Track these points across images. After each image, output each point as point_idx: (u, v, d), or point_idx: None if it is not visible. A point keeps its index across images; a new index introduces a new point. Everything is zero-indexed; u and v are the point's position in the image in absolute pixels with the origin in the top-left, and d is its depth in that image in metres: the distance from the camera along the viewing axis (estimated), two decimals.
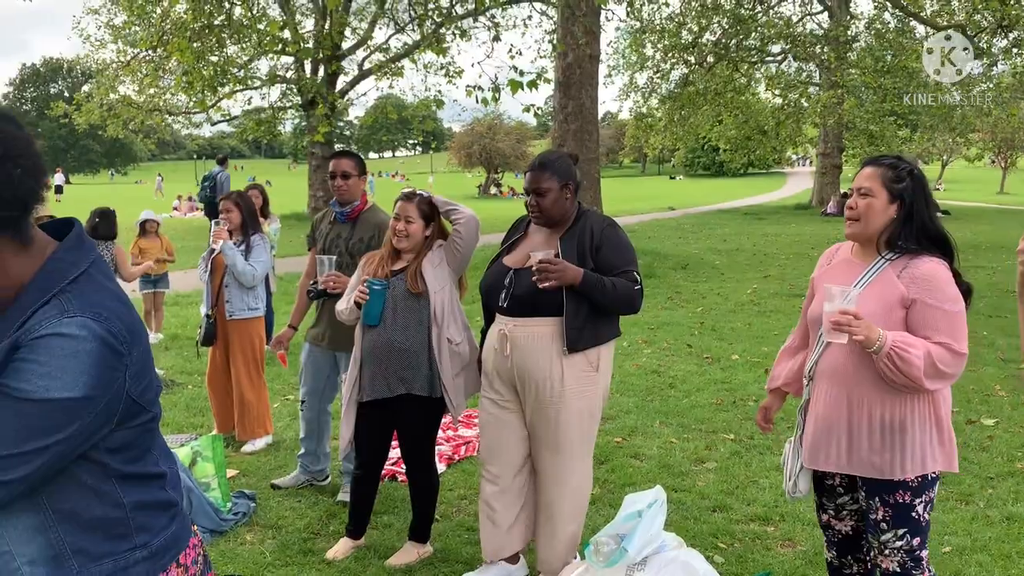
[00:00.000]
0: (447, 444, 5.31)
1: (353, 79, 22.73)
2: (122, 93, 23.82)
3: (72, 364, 1.22)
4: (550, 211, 3.32)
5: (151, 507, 1.41)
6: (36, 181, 1.27)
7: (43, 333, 1.22)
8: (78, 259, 1.34)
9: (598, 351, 3.32)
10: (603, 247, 3.29)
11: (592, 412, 3.37)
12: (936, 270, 2.56)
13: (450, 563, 3.70)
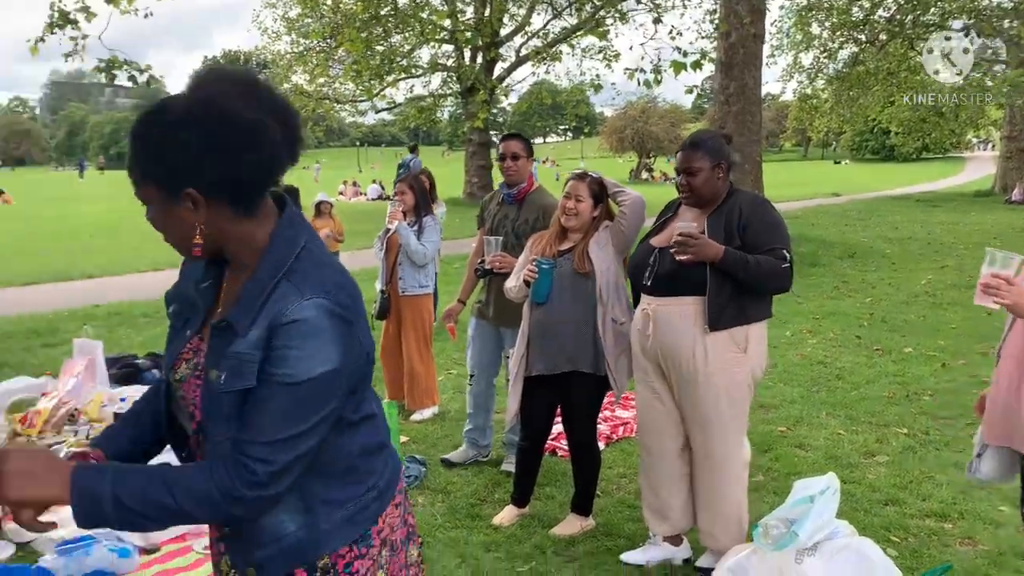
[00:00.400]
0: (604, 424, 5.38)
1: (510, 65, 23.06)
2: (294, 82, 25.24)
3: (321, 342, 1.37)
4: (700, 190, 3.31)
5: (373, 450, 1.56)
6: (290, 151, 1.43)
7: (291, 319, 1.36)
8: (298, 235, 1.48)
9: (746, 331, 3.26)
10: (751, 225, 3.24)
11: (738, 393, 3.30)
12: None
13: (612, 537, 3.78)
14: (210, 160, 1.35)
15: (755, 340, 3.30)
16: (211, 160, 1.35)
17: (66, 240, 17.12)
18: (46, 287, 11.39)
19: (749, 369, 3.31)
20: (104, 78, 8.90)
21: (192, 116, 1.34)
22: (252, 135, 1.36)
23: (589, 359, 3.70)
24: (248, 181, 1.40)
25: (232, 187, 1.39)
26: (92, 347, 5.79)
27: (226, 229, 1.44)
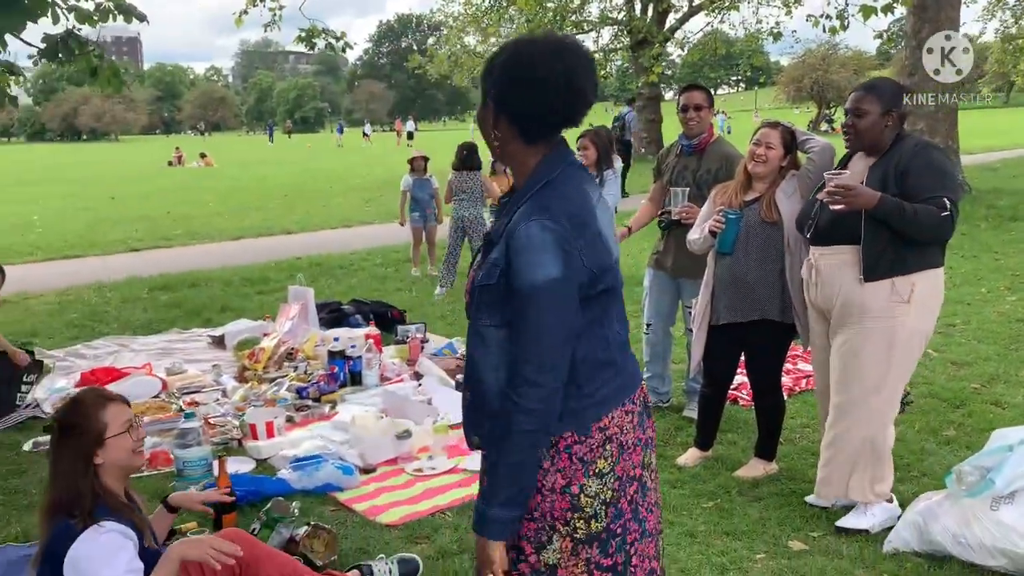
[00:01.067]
0: (788, 376, 5.40)
1: (683, 16, 22.52)
2: (466, 43, 25.79)
3: (536, 255, 1.65)
4: (864, 135, 3.29)
5: (599, 364, 1.80)
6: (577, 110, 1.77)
7: (514, 235, 1.68)
8: (552, 167, 1.77)
9: (910, 281, 3.20)
10: (910, 171, 3.17)
11: (894, 346, 3.23)
12: None
13: (796, 481, 3.86)
14: (511, 96, 1.74)
15: (921, 290, 3.21)
16: (511, 96, 1.74)
17: (264, 199, 18.57)
18: (251, 241, 12.51)
19: (913, 321, 3.23)
20: (304, 46, 9.58)
21: (507, 65, 1.75)
22: (537, 85, 1.70)
23: (776, 307, 3.78)
24: (528, 116, 1.75)
25: (519, 119, 1.76)
26: (304, 293, 6.42)
27: (510, 148, 1.80)
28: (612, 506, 1.80)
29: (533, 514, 1.79)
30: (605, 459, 1.80)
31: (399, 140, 48.70)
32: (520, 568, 1.81)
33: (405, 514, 3.64)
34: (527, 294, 1.66)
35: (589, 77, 1.76)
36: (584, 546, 1.79)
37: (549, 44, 1.75)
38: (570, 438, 1.77)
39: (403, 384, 5.34)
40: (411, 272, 9.41)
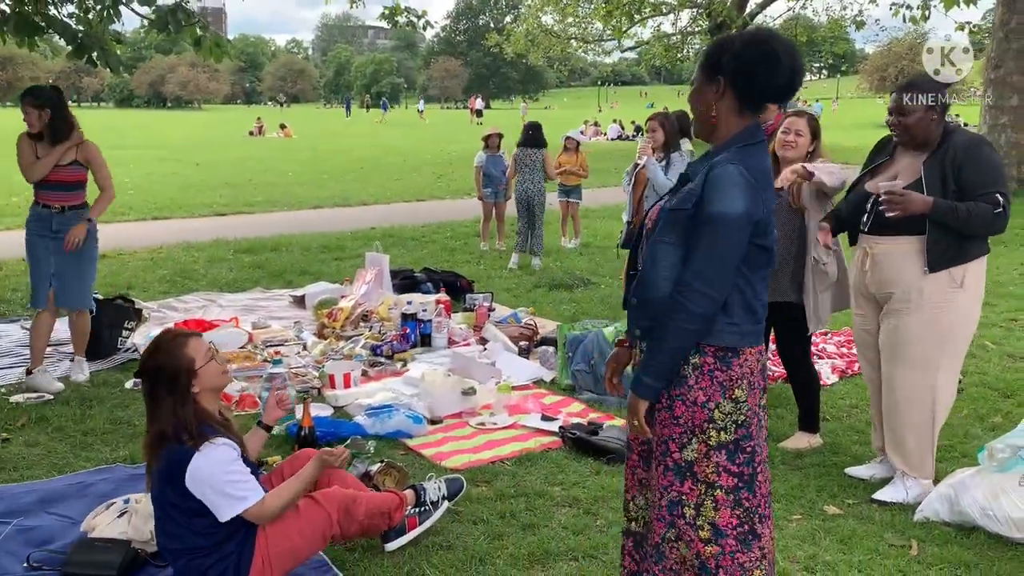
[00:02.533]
0: (841, 359, 5.56)
1: (764, 1, 22.24)
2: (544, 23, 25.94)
3: (730, 192, 2.08)
4: (912, 131, 3.44)
5: (748, 308, 2.19)
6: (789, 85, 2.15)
7: (714, 172, 2.11)
8: (753, 135, 2.20)
9: (964, 268, 3.38)
10: (964, 167, 3.33)
11: (945, 328, 3.41)
12: None
13: (839, 455, 4.06)
14: (749, 73, 2.13)
15: (973, 275, 3.42)
16: (750, 73, 2.13)
17: (341, 171, 19.15)
18: (329, 211, 13.02)
19: (965, 305, 3.43)
20: (387, 23, 9.92)
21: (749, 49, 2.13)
22: (775, 67, 2.11)
23: (795, 290, 4.00)
24: (757, 90, 2.16)
25: (749, 92, 2.16)
26: (380, 259, 6.80)
27: (725, 116, 2.20)
28: (743, 427, 2.18)
29: (679, 420, 2.19)
30: (741, 388, 2.18)
31: (472, 118, 49.10)
32: (667, 461, 2.22)
33: (468, 461, 3.96)
34: (714, 219, 2.08)
35: (802, 67, 2.17)
36: (715, 451, 2.18)
37: (781, 38, 2.17)
38: (712, 363, 2.16)
39: (470, 347, 5.68)
40: (480, 246, 9.75)
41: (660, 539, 2.24)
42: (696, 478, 2.19)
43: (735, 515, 2.19)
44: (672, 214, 2.17)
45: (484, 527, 3.32)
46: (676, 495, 2.21)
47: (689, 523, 2.20)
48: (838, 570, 2.99)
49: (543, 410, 4.64)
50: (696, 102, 2.24)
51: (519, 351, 5.55)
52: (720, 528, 2.18)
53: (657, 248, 2.18)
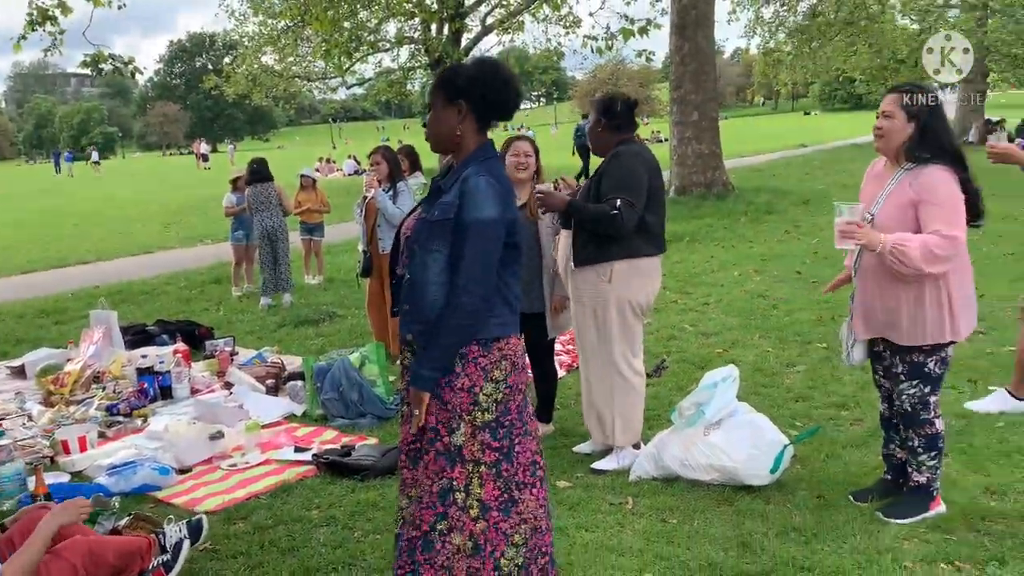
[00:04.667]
0: (567, 355, 6.15)
1: (476, 35, 23.51)
2: (264, 63, 25.56)
3: (485, 199, 2.37)
4: (598, 142, 4.06)
5: (508, 300, 2.48)
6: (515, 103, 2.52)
7: (470, 185, 2.38)
8: (489, 150, 2.53)
9: (610, 266, 3.88)
10: (603, 175, 3.93)
11: (603, 319, 3.94)
12: (936, 175, 3.13)
13: (568, 437, 4.55)
14: (482, 94, 2.45)
15: (620, 274, 3.89)
16: (483, 94, 2.45)
17: (55, 229, 17.61)
18: (46, 273, 11.98)
19: (617, 299, 3.91)
20: (90, 71, 9.44)
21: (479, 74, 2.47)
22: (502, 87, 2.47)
23: (541, 302, 4.45)
24: (491, 108, 2.47)
25: (484, 111, 2.47)
26: (107, 316, 6.49)
27: (467, 135, 2.49)
28: (502, 404, 2.45)
29: (447, 406, 2.43)
30: (500, 370, 2.45)
31: (199, 163, 46.92)
32: (436, 446, 2.45)
33: (223, 502, 3.97)
34: (474, 225, 2.35)
35: (521, 88, 2.58)
36: (480, 431, 2.44)
37: (504, 64, 2.57)
38: (476, 351, 2.43)
39: (214, 393, 5.61)
40: (232, 292, 9.49)
41: (429, 528, 2.45)
42: (464, 460, 2.44)
43: (496, 487, 2.45)
44: (435, 225, 2.42)
45: (244, 559, 3.39)
46: (447, 482, 2.44)
47: (460, 507, 2.43)
48: (568, 532, 3.40)
49: (296, 442, 4.73)
50: (438, 125, 2.49)
51: (267, 390, 5.57)
52: (485, 503, 2.45)
53: (427, 256, 2.42)
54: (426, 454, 2.48)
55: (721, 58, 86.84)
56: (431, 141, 2.54)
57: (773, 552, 3.14)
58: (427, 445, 2.47)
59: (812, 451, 4.07)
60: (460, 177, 2.43)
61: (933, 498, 3.37)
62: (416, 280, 2.47)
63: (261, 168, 8.91)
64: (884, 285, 3.25)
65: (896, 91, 3.31)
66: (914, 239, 3.08)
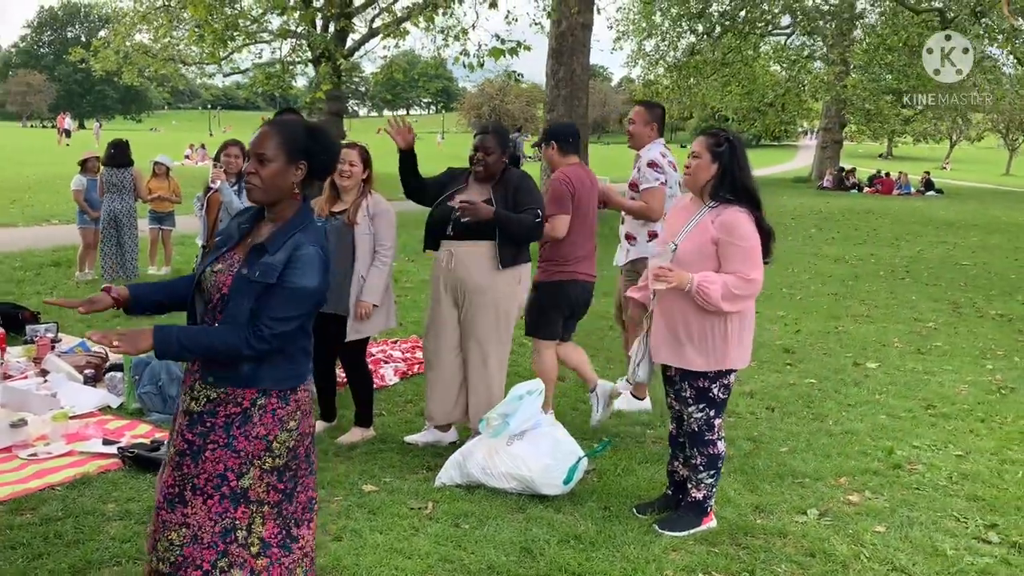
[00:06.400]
0: (403, 363, 6.24)
1: (362, 37, 23.34)
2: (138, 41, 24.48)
3: (313, 269, 2.40)
4: (491, 168, 4.38)
5: (302, 350, 2.53)
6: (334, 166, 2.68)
7: (302, 253, 2.40)
8: (309, 213, 2.54)
9: (520, 269, 4.43)
10: (519, 191, 4.34)
11: (507, 316, 4.42)
12: (736, 216, 3.43)
13: (387, 443, 4.62)
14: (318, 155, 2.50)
15: (524, 276, 4.46)
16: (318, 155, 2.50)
17: None
18: None
19: (520, 298, 4.47)
20: None
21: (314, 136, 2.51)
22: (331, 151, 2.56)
23: (345, 303, 4.53)
24: (318, 170, 2.53)
25: (312, 171, 2.51)
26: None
27: (294, 193, 2.50)
28: (293, 451, 2.50)
29: (239, 453, 2.44)
30: (295, 419, 2.50)
31: (60, 138, 44.33)
32: (222, 490, 2.45)
33: (12, 492, 3.83)
34: (296, 291, 2.38)
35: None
36: (268, 474, 2.48)
37: (331, 133, 2.56)
38: (275, 403, 2.47)
39: (27, 380, 5.37)
40: (76, 276, 9.09)
41: (211, 566, 2.44)
42: (249, 501, 2.46)
43: (277, 524, 2.50)
44: (255, 284, 2.39)
45: (24, 550, 3.29)
46: (230, 522, 2.44)
47: (242, 544, 2.45)
48: (363, 535, 3.48)
49: (105, 435, 4.61)
50: (279, 179, 2.45)
51: (84, 380, 5.39)
52: (266, 540, 2.48)
53: (238, 312, 2.39)
54: (208, 498, 2.46)
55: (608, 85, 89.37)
56: (261, 193, 2.46)
57: (551, 558, 3.33)
58: (211, 490, 2.45)
59: (610, 465, 4.31)
60: (290, 242, 2.43)
61: (707, 513, 3.65)
62: (230, 317, 2.43)
63: (119, 151, 8.65)
64: (678, 315, 3.51)
65: (704, 134, 3.61)
66: (717, 280, 3.36)
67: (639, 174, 5.02)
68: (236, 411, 2.44)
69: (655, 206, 4.95)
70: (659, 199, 4.96)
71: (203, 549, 2.45)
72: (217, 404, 2.45)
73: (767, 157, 58.96)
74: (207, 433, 2.45)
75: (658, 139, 5.13)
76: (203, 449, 2.44)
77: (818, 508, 3.88)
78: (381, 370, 5.95)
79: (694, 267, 3.41)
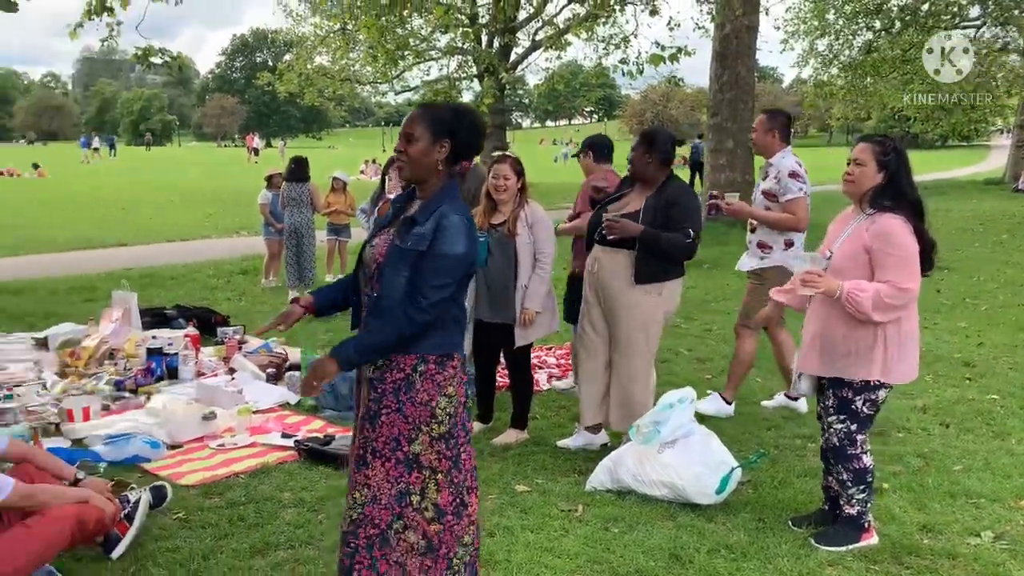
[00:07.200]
0: (558, 368, 6.34)
1: (525, 51, 23.80)
2: (318, 63, 26.12)
3: (460, 236, 2.58)
4: (640, 173, 4.47)
5: (456, 319, 2.72)
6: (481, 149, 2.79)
7: (448, 222, 2.58)
8: (457, 188, 2.74)
9: (663, 285, 4.36)
10: (672, 208, 4.31)
11: (650, 327, 4.40)
12: (891, 224, 3.29)
13: (540, 446, 4.73)
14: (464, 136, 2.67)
15: (668, 290, 4.41)
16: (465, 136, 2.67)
17: (99, 210, 18.27)
18: (83, 253, 12.50)
19: (663, 311, 4.44)
20: (140, 65, 9.88)
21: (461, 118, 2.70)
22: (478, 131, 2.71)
23: (509, 312, 4.68)
24: (467, 149, 2.70)
25: (461, 150, 2.68)
26: (128, 298, 6.83)
27: (441, 170, 2.69)
28: (453, 417, 2.67)
29: (408, 418, 2.62)
30: (452, 386, 2.67)
31: (249, 156, 47.96)
32: (397, 454, 2.65)
33: (203, 477, 4.24)
34: (444, 258, 2.56)
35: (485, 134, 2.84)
36: (436, 441, 2.65)
37: (477, 112, 2.83)
38: (433, 369, 2.64)
39: (217, 378, 5.90)
40: (262, 283, 9.91)
41: (386, 526, 2.66)
42: (421, 467, 2.66)
43: (450, 492, 2.69)
44: (407, 252, 2.59)
45: (212, 530, 3.64)
46: (405, 486, 2.66)
47: (416, 509, 2.66)
48: (515, 532, 3.59)
49: (284, 429, 4.99)
50: (424, 157, 2.65)
51: (267, 378, 5.85)
52: (441, 507, 2.68)
53: (395, 278, 2.59)
54: (386, 460, 2.66)
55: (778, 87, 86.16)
56: (409, 170, 2.69)
57: (701, 565, 3.30)
58: (388, 452, 2.66)
59: (766, 477, 4.21)
60: (436, 212, 2.61)
61: (865, 529, 3.50)
62: (384, 298, 2.65)
63: (299, 167, 9.34)
64: (830, 321, 3.41)
65: (869, 141, 3.49)
66: (868, 288, 3.25)
67: (778, 184, 4.97)
68: (400, 377, 2.62)
69: (800, 216, 4.92)
70: (804, 209, 4.94)
71: (380, 509, 2.67)
72: (384, 371, 2.64)
73: (955, 159, 54.84)
74: (380, 398, 2.66)
75: (786, 147, 5.11)
76: (378, 414, 2.66)
77: (993, 530, 3.63)
78: (536, 375, 6.07)
79: (847, 275, 3.31)
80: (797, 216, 4.90)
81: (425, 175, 2.68)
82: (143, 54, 9.92)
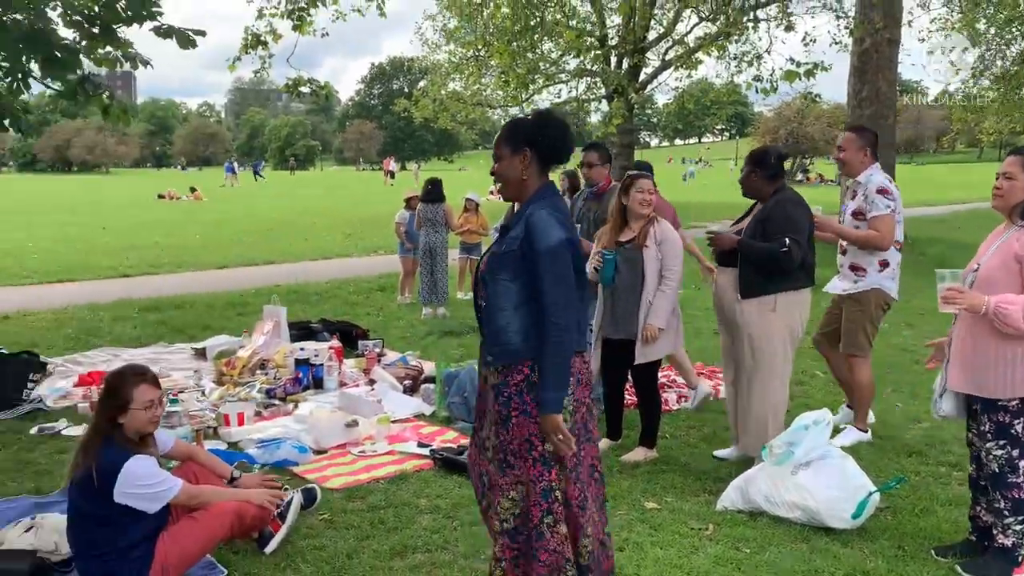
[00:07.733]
0: (686, 388, 6.30)
1: (655, 70, 23.74)
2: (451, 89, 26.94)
3: (548, 227, 2.69)
4: (749, 191, 4.55)
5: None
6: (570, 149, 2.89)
7: (534, 219, 2.71)
8: (549, 189, 2.89)
9: (774, 298, 4.32)
10: (767, 220, 4.34)
11: (767, 344, 4.34)
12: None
13: (669, 464, 4.73)
14: (546, 142, 2.81)
15: (783, 304, 4.33)
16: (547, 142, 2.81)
17: (250, 232, 19.47)
18: (234, 270, 13.37)
19: (780, 327, 4.34)
20: (291, 94, 10.55)
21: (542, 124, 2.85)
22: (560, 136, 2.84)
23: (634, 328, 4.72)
24: (551, 154, 2.84)
25: (545, 156, 2.83)
26: (278, 312, 7.29)
27: (529, 177, 2.84)
28: (574, 415, 2.77)
29: (535, 419, 2.73)
30: (571, 385, 2.78)
31: (385, 179, 49.82)
32: (533, 454, 2.76)
33: (346, 481, 4.49)
34: (544, 253, 2.65)
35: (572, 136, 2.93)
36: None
37: (557, 116, 2.95)
38: None
39: (358, 388, 6.21)
40: (398, 299, 10.35)
41: (538, 521, 2.79)
42: (559, 465, 2.78)
43: (576, 486, 2.81)
44: (503, 257, 2.77)
45: (355, 531, 3.86)
46: (547, 483, 2.78)
47: (561, 503, 2.79)
48: (644, 548, 3.63)
49: (420, 438, 5.21)
50: (507, 172, 2.84)
51: (404, 389, 6.12)
52: (569, 500, 2.80)
53: (496, 286, 2.77)
54: (525, 460, 2.78)
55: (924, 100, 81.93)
56: (501, 187, 2.86)
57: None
58: (525, 453, 2.77)
59: (907, 504, 4.07)
60: (524, 214, 2.75)
61: (1019, 564, 3.33)
62: (489, 308, 2.80)
63: (434, 189, 9.72)
64: (979, 338, 3.29)
65: (1019, 154, 3.38)
66: (1017, 301, 3.14)
67: (867, 202, 4.82)
68: (520, 379, 2.74)
69: (885, 233, 4.78)
70: (889, 227, 4.80)
71: (531, 506, 2.79)
72: (505, 375, 2.77)
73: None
74: (507, 402, 2.77)
75: (874, 163, 4.97)
76: (509, 418, 2.77)
77: None
78: (665, 394, 6.06)
79: (997, 285, 3.20)
80: (881, 233, 4.78)
81: (516, 187, 2.83)
82: (293, 84, 10.61)
